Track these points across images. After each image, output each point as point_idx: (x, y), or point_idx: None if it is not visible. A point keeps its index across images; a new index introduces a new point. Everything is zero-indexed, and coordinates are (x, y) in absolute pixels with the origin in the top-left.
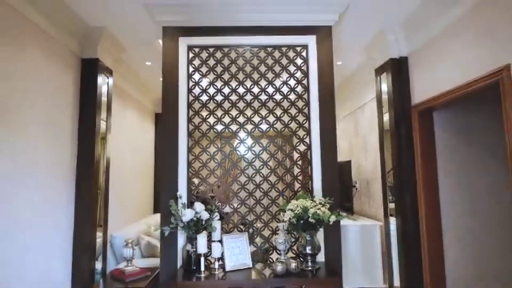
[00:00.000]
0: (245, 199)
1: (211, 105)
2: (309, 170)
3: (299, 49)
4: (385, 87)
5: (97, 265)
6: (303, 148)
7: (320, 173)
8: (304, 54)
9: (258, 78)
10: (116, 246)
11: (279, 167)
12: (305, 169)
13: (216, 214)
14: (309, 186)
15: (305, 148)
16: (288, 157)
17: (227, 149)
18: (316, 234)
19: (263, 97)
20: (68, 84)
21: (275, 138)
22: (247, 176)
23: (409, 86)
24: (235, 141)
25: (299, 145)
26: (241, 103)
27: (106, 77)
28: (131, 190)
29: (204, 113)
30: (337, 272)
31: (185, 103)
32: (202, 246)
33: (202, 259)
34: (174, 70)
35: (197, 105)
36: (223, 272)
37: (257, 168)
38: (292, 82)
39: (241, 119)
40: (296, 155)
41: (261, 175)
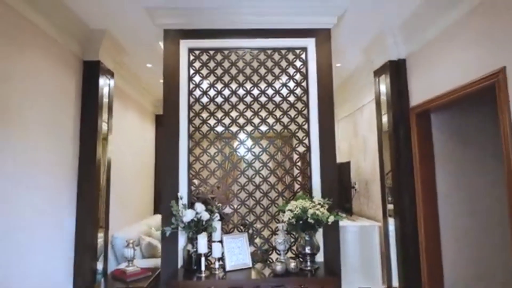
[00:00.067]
0: (245, 199)
1: (212, 106)
2: (308, 171)
3: (298, 51)
4: (383, 89)
5: (99, 266)
6: (302, 149)
7: (319, 174)
8: (303, 56)
9: (258, 80)
10: (117, 246)
11: (279, 168)
12: (305, 170)
13: (216, 214)
14: (308, 187)
15: (305, 149)
16: (287, 158)
17: (227, 150)
18: (315, 234)
19: (263, 99)
20: (70, 86)
21: (275, 139)
22: (247, 177)
23: (407, 88)
24: (235, 143)
25: (299, 147)
26: (241, 105)
27: (107, 79)
28: (132, 191)
29: (204, 114)
30: (336, 272)
31: (185, 105)
32: (202, 246)
33: (202, 259)
34: (175, 72)
35: (198, 107)
36: (223, 272)
37: (257, 169)
38: (291, 84)
39: (241, 121)
40: (295, 156)
41: (260, 176)
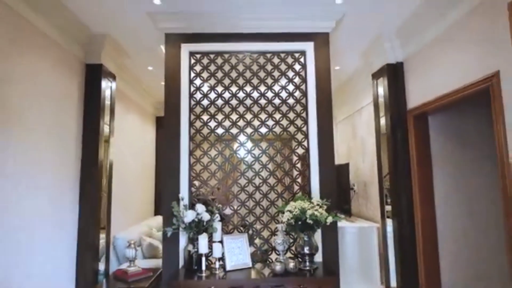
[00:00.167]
0: (245, 201)
1: (212, 109)
2: (307, 172)
3: (297, 55)
4: (381, 92)
5: (100, 266)
6: (301, 151)
7: (317, 175)
8: (302, 60)
9: (257, 83)
10: (118, 247)
11: (278, 169)
12: (304, 171)
13: (216, 215)
14: (307, 188)
15: (304, 151)
16: (287, 160)
17: (227, 152)
18: (313, 234)
19: (263, 102)
20: (73, 88)
21: (274, 141)
22: (247, 178)
23: (405, 90)
24: (235, 145)
25: (298, 149)
26: (241, 108)
27: (109, 81)
28: (133, 192)
29: (205, 117)
30: (334, 271)
31: (186, 108)
32: (203, 246)
33: (203, 259)
34: (176, 75)
35: (198, 109)
36: (224, 271)
37: (256, 170)
38: (290, 87)
39: (241, 123)
40: (294, 158)
41: (260, 177)
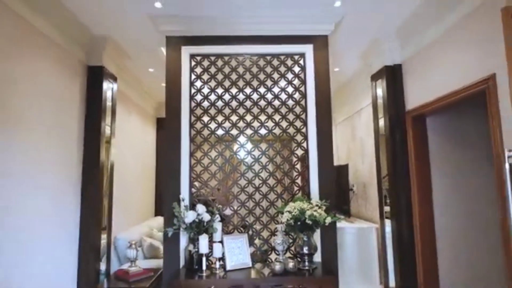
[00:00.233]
0: (245, 201)
1: (212, 111)
2: (306, 173)
3: (296, 57)
4: (380, 93)
5: (102, 266)
6: (301, 152)
7: (317, 176)
8: (301, 62)
9: (257, 85)
10: (119, 247)
11: (278, 170)
12: (303, 172)
13: (217, 216)
14: (307, 189)
15: (303, 152)
16: (286, 161)
17: (227, 153)
18: (312, 235)
19: (262, 103)
20: (75, 90)
21: (274, 142)
22: (247, 179)
23: (403, 92)
24: (235, 146)
25: (297, 150)
26: (241, 109)
27: (110, 83)
28: (133, 193)
29: (205, 118)
30: (333, 271)
31: (187, 109)
32: (203, 246)
33: (203, 259)
34: (177, 77)
35: (199, 111)
36: (224, 271)
37: (256, 171)
38: (290, 89)
39: (241, 124)
40: (294, 159)
41: (260, 178)
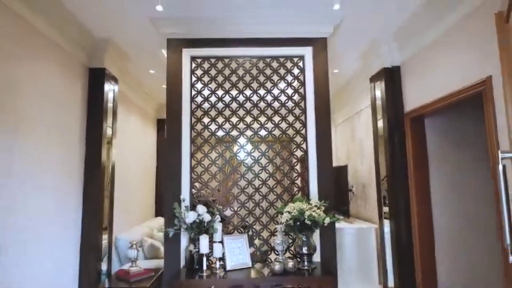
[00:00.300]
0: (245, 202)
1: (213, 112)
2: (306, 174)
3: (296, 59)
4: (379, 95)
5: (103, 266)
6: (300, 153)
7: (316, 177)
8: (300, 64)
9: (257, 87)
10: (120, 248)
11: (277, 171)
12: (302, 173)
13: (217, 216)
14: (306, 189)
15: (302, 153)
16: (286, 162)
17: (227, 154)
18: (312, 235)
19: (262, 105)
20: (77, 91)
21: (274, 144)
22: (247, 180)
23: (402, 94)
24: (235, 147)
25: (296, 151)
26: (241, 111)
27: (112, 85)
28: (134, 193)
29: (206, 120)
30: (332, 271)
31: (188, 111)
32: (204, 246)
33: (204, 259)
34: (177, 79)
35: (199, 113)
36: (224, 271)
37: (256, 172)
38: (289, 91)
39: (241, 126)
40: (293, 160)
41: (260, 179)
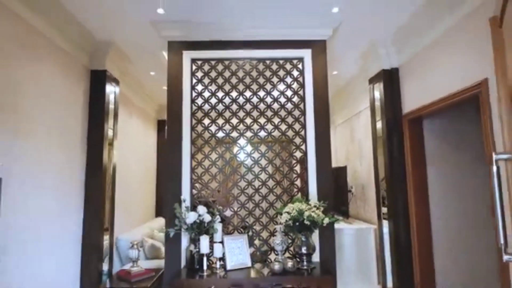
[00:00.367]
0: (245, 203)
1: (213, 114)
2: (305, 175)
3: (295, 61)
4: (378, 96)
5: (104, 266)
6: (299, 154)
7: (315, 178)
8: (300, 66)
9: (257, 88)
10: (121, 248)
11: (277, 172)
12: (302, 174)
13: (217, 217)
14: (306, 190)
15: (301, 154)
16: (285, 163)
17: (227, 155)
18: (311, 235)
19: (262, 106)
20: (78, 93)
21: (273, 145)
22: (247, 181)
23: (400, 95)
24: (235, 148)
25: (296, 152)
26: (241, 112)
27: (113, 86)
28: (135, 194)
29: (206, 121)
30: (331, 271)
31: (188, 113)
32: (204, 246)
33: (204, 259)
34: (178, 81)
35: (200, 114)
36: (224, 271)
37: (256, 173)
38: (289, 92)
39: (241, 127)
40: (293, 161)
41: (259, 180)
